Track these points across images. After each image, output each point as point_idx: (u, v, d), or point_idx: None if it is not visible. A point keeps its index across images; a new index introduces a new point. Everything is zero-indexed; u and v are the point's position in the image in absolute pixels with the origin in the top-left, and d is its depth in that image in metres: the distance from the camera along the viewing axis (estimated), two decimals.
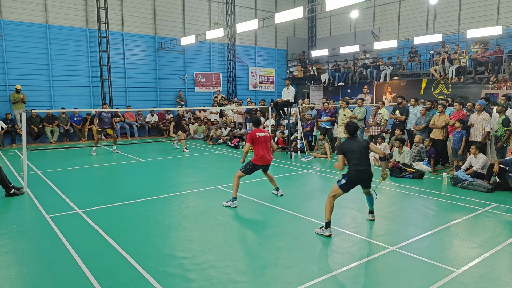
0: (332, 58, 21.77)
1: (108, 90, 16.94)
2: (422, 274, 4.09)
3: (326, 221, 5.16)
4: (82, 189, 7.84)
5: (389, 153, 10.36)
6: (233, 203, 6.50)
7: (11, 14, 14.92)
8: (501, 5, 16.26)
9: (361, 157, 5.27)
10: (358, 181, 5.33)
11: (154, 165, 10.76)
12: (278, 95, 20.15)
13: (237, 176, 6.63)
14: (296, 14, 12.09)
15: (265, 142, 6.73)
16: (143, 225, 5.64)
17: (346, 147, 5.37)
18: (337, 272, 4.14)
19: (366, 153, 5.36)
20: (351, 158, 5.29)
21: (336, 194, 5.27)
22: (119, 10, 17.47)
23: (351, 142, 5.40)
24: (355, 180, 5.28)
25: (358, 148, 5.30)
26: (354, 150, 5.29)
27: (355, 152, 5.28)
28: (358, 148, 5.31)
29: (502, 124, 8.30)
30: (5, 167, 9.30)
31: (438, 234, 5.28)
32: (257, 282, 3.95)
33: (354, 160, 5.27)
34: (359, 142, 5.37)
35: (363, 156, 5.30)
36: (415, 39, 17.62)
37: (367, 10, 21.05)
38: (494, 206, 6.60)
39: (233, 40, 20.74)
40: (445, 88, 16.78)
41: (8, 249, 4.77)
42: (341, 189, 5.27)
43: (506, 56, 14.34)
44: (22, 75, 15.21)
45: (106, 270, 4.18)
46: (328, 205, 5.20)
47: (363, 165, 5.26)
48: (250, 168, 6.71)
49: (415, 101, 10.98)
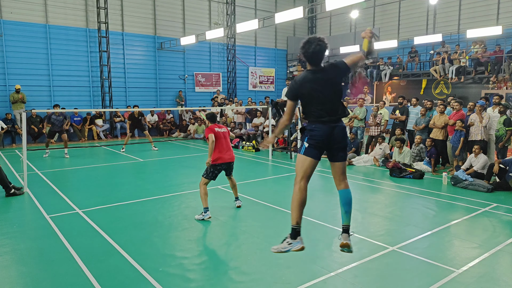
0: (332, 58, 21.76)
1: (108, 90, 16.94)
2: (422, 274, 4.09)
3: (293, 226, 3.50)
4: (82, 189, 7.84)
5: (389, 153, 10.38)
6: (205, 214, 5.77)
7: (11, 14, 14.92)
8: (501, 5, 16.26)
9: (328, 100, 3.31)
10: (326, 142, 3.35)
11: (154, 165, 10.76)
12: (278, 95, 20.16)
13: (202, 184, 5.89)
14: (296, 14, 12.10)
15: (224, 138, 5.99)
16: (143, 225, 5.64)
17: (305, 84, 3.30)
18: (337, 272, 4.14)
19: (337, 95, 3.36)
20: (311, 103, 3.33)
21: (305, 169, 3.37)
22: (119, 10, 17.47)
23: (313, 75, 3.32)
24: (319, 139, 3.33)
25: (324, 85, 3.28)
26: (316, 89, 3.27)
27: (319, 91, 3.28)
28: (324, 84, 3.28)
29: (504, 124, 8.29)
30: (5, 167, 9.29)
31: (438, 234, 5.28)
32: (257, 282, 3.95)
33: (316, 106, 3.31)
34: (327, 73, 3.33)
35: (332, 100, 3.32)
36: (415, 39, 17.62)
37: (367, 10, 21.04)
38: (494, 206, 6.59)
39: (233, 40, 20.74)
40: (445, 88, 16.78)
41: (8, 249, 4.77)
42: (309, 156, 3.35)
43: (506, 56, 14.34)
44: (22, 75, 15.22)
45: (106, 270, 4.18)
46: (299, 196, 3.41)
47: (331, 114, 3.32)
48: (211, 171, 5.91)
49: (416, 101, 10.98)
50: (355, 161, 10.54)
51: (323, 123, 3.31)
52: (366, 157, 10.56)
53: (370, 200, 7.16)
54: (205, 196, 5.81)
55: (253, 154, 12.41)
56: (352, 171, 9.65)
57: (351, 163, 10.50)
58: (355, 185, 8.30)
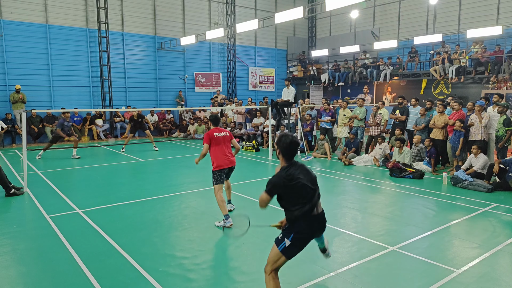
0: (332, 58, 21.77)
1: (108, 90, 16.94)
2: (422, 274, 4.09)
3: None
4: (82, 189, 7.84)
5: (389, 153, 10.38)
6: (227, 222, 5.48)
7: (11, 14, 14.92)
8: (501, 5, 16.26)
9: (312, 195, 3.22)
10: (312, 237, 3.35)
11: (154, 165, 10.76)
12: (278, 95, 20.14)
13: (216, 192, 5.64)
14: (296, 14, 12.10)
15: (224, 143, 5.82)
16: (143, 225, 5.64)
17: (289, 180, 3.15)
18: (337, 272, 4.14)
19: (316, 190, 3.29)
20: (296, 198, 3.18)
21: (278, 265, 3.29)
22: (119, 10, 17.47)
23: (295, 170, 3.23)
24: (306, 237, 3.29)
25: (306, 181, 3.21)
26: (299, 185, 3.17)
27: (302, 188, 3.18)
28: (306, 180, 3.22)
29: (503, 124, 8.29)
30: (5, 167, 9.30)
31: (438, 234, 5.28)
32: (257, 282, 3.95)
33: (301, 201, 3.17)
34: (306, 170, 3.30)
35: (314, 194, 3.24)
36: (415, 39, 17.63)
37: (367, 10, 21.05)
38: (494, 206, 6.59)
39: (233, 40, 20.74)
40: (445, 88, 16.78)
41: (8, 249, 4.77)
42: (285, 256, 3.25)
43: (506, 56, 14.34)
44: (22, 75, 15.22)
45: (106, 270, 4.18)
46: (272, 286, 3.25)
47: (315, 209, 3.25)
48: (217, 177, 5.71)
49: (415, 101, 10.98)
50: (355, 161, 10.54)
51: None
52: (366, 157, 10.56)
53: (370, 200, 7.16)
54: (223, 203, 5.57)
55: (253, 154, 12.41)
56: (352, 171, 9.66)
57: (351, 163, 10.49)
58: (355, 185, 8.30)
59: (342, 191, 7.79)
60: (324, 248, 3.95)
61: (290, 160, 3.28)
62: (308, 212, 3.18)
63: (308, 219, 3.20)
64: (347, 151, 11.16)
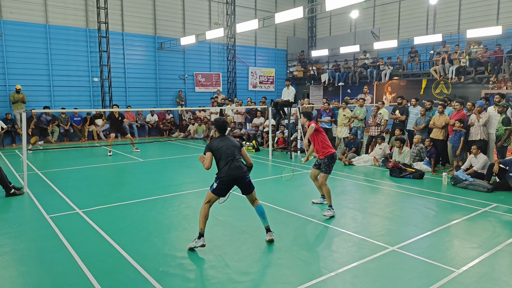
0: (332, 58, 21.77)
1: (108, 90, 16.94)
2: (422, 274, 4.09)
3: (200, 231, 4.71)
4: (82, 189, 7.84)
5: (389, 153, 10.38)
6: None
7: (11, 14, 14.92)
8: (501, 5, 16.26)
9: (231, 154, 4.79)
10: (232, 182, 4.78)
11: (154, 165, 10.76)
12: (278, 95, 20.15)
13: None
14: (296, 14, 12.10)
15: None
16: (143, 225, 5.64)
17: (215, 145, 4.83)
18: (337, 272, 4.13)
19: (237, 151, 4.88)
20: (221, 158, 4.79)
21: (210, 199, 4.81)
22: (119, 10, 17.47)
23: (220, 139, 4.91)
24: (227, 181, 4.76)
25: (228, 145, 4.83)
26: (222, 147, 4.79)
27: (225, 149, 4.78)
28: (228, 145, 4.84)
29: (502, 123, 8.30)
30: (5, 167, 9.30)
31: (438, 234, 5.28)
32: (257, 282, 3.95)
33: (224, 159, 4.77)
34: (230, 140, 4.94)
35: (233, 154, 4.81)
36: (415, 39, 17.62)
37: (367, 10, 21.05)
38: (494, 206, 6.60)
39: (233, 40, 20.74)
40: (445, 88, 16.79)
41: (8, 249, 4.77)
42: (214, 194, 4.79)
43: (506, 56, 14.34)
44: (22, 75, 15.22)
45: (106, 270, 4.18)
46: (203, 212, 4.75)
47: (233, 162, 4.77)
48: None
49: (415, 101, 10.98)
50: (355, 161, 10.54)
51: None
52: (366, 157, 10.56)
53: (370, 200, 7.16)
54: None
55: (253, 154, 12.41)
56: (352, 171, 9.66)
57: (351, 163, 10.50)
58: (355, 185, 8.30)
59: (342, 191, 7.79)
60: (268, 227, 5.06)
61: (221, 134, 5.02)
62: (227, 165, 4.77)
63: (228, 169, 4.76)
64: (347, 151, 11.16)
